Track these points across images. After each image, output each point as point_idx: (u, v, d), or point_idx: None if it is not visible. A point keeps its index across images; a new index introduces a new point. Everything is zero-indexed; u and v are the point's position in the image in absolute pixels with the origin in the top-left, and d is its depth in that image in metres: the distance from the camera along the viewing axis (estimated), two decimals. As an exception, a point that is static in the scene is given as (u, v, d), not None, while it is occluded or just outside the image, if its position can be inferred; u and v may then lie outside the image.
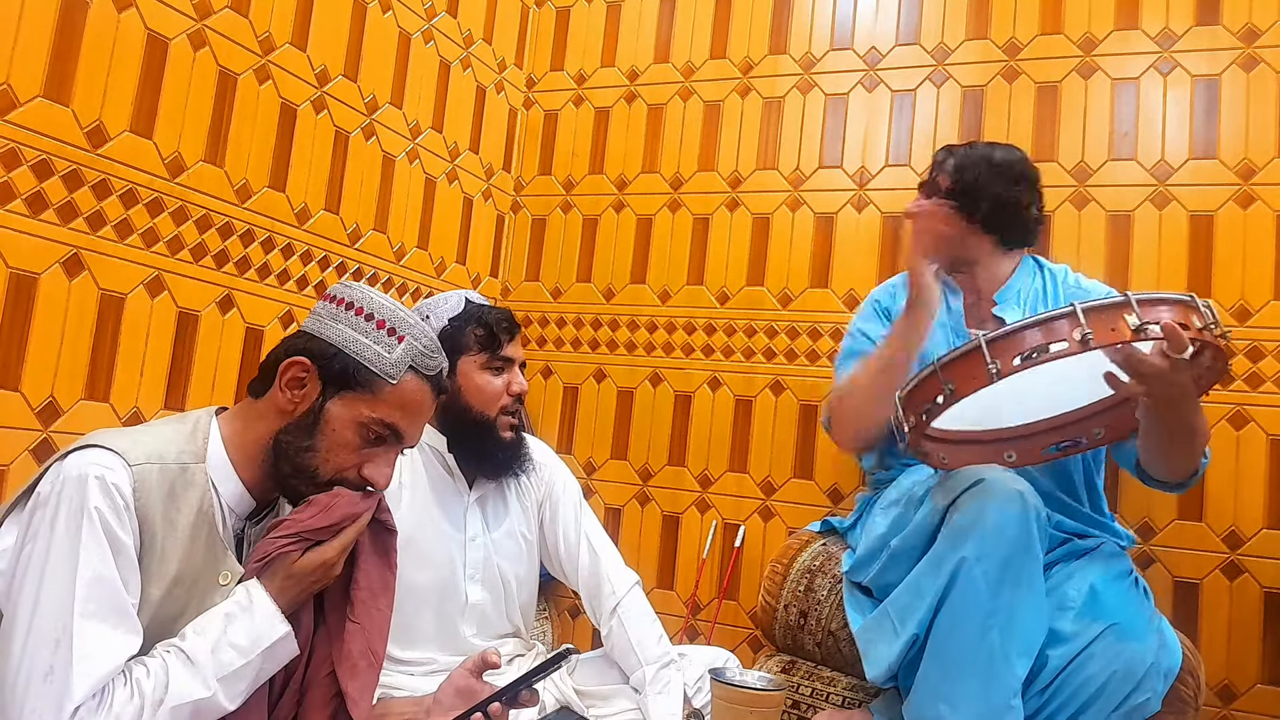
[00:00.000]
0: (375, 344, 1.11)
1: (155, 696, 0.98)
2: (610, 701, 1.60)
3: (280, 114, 1.93)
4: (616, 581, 1.69)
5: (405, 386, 1.12)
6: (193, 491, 1.07)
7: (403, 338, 1.12)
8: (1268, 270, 1.96)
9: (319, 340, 1.12)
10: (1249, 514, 1.92)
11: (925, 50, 2.31)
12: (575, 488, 1.79)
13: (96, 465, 1.00)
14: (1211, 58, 2.06)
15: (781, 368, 2.33)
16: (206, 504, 1.08)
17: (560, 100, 2.70)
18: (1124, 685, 1.41)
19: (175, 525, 1.05)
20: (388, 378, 1.11)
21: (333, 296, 1.15)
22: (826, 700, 1.77)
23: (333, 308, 1.14)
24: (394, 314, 1.13)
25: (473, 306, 1.63)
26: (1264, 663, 1.88)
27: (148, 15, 1.65)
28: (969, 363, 1.34)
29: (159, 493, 1.04)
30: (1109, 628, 1.44)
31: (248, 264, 1.87)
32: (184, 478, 1.07)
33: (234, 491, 1.12)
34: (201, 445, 1.10)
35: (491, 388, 1.60)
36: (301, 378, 1.11)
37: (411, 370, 1.12)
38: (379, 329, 1.12)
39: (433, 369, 1.15)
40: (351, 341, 1.11)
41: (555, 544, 1.73)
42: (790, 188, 2.39)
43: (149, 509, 1.03)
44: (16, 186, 1.47)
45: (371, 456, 1.13)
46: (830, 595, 1.82)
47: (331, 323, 1.13)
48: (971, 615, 1.42)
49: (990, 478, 1.48)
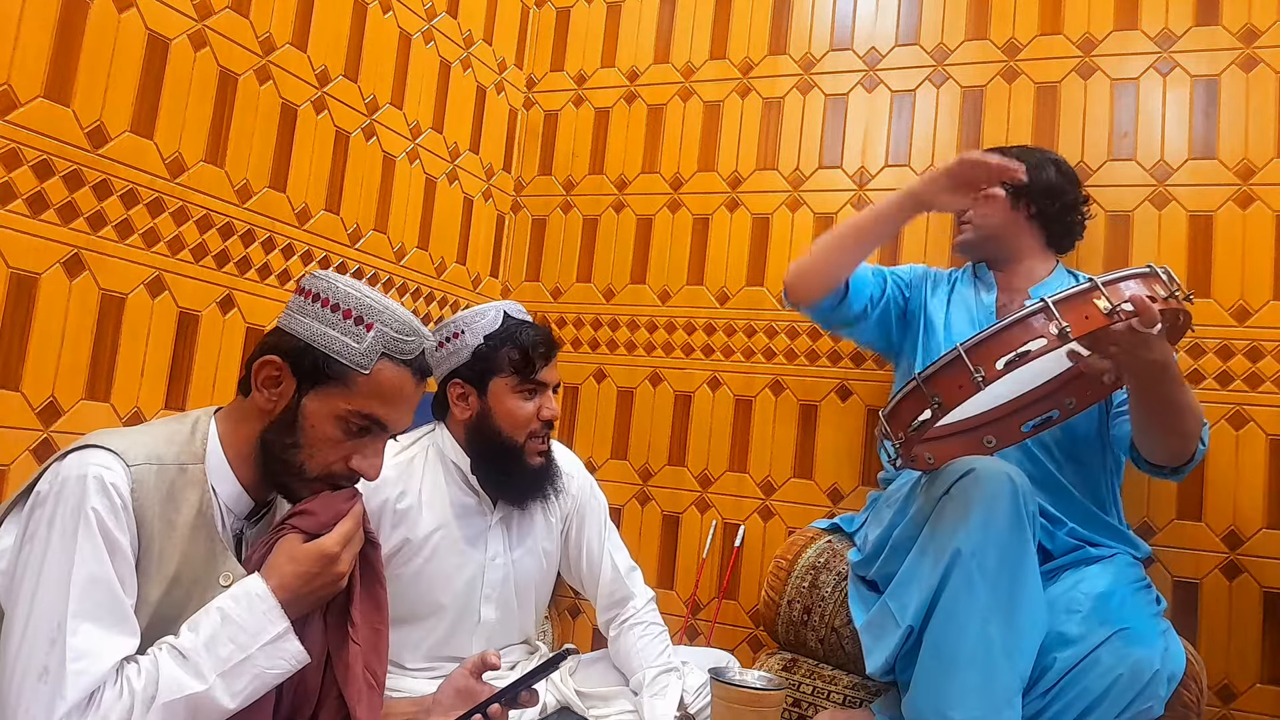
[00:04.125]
0: (343, 335, 1.09)
1: (146, 694, 0.96)
2: (610, 702, 1.60)
3: (281, 114, 1.93)
4: (638, 598, 1.70)
5: (380, 375, 1.10)
6: (191, 492, 1.07)
7: (371, 325, 1.10)
8: (1267, 270, 1.96)
9: (289, 336, 1.11)
10: (1248, 514, 1.92)
11: (925, 50, 2.32)
12: (603, 502, 1.78)
13: (95, 465, 1.00)
14: (1211, 58, 2.06)
15: (781, 368, 2.33)
16: (205, 504, 1.08)
17: (560, 100, 2.70)
18: (1129, 690, 1.41)
19: (174, 525, 1.05)
20: (359, 368, 1.09)
21: (302, 289, 1.13)
22: (828, 699, 1.77)
23: (302, 301, 1.12)
24: (360, 301, 1.11)
25: (511, 324, 1.58)
26: (1263, 662, 1.88)
27: (148, 16, 1.66)
28: (952, 372, 1.34)
29: (157, 493, 1.04)
30: (1117, 632, 1.43)
31: (248, 264, 1.87)
32: (183, 478, 1.07)
33: (232, 491, 1.12)
34: (200, 446, 1.10)
35: (522, 412, 1.56)
36: (275, 375, 1.10)
37: (385, 358, 1.10)
38: (346, 319, 1.10)
39: (408, 353, 1.12)
40: (320, 335, 1.09)
41: (579, 558, 1.73)
42: (790, 188, 2.39)
43: (147, 509, 1.02)
44: (17, 186, 1.47)
45: (358, 448, 1.12)
46: (834, 592, 1.82)
47: (300, 317, 1.11)
48: (969, 611, 1.42)
49: (980, 467, 1.49)
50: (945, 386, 1.34)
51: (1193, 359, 1.99)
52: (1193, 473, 1.93)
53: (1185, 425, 1.53)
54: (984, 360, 1.31)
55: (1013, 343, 1.29)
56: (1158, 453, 1.61)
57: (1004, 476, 1.47)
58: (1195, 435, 1.56)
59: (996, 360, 1.30)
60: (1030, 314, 1.30)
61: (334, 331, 1.09)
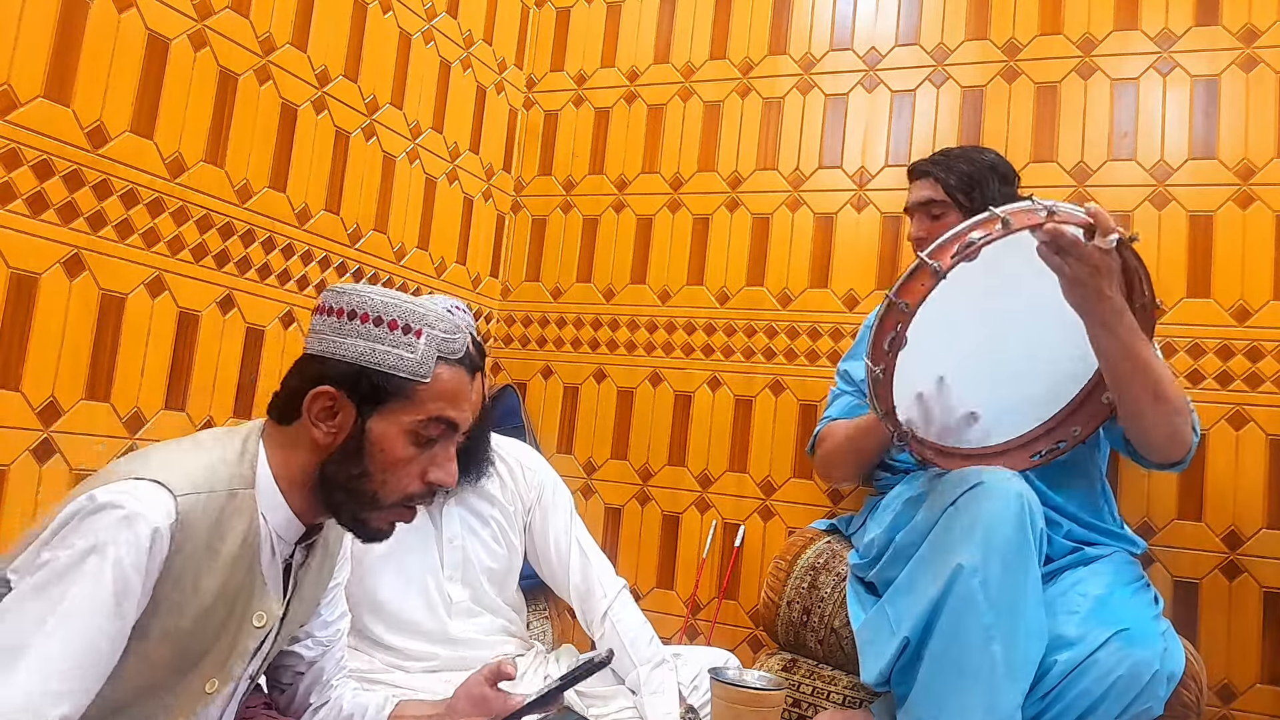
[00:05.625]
0: (394, 348, 1.02)
1: None
2: (609, 701, 1.61)
3: (281, 114, 1.93)
4: (607, 585, 1.71)
5: (440, 379, 1.04)
6: (239, 520, 1.00)
7: (420, 332, 1.03)
8: (1267, 270, 1.96)
9: (336, 362, 1.03)
10: (1248, 514, 1.92)
11: (925, 51, 2.32)
12: (567, 495, 1.80)
13: (132, 499, 0.92)
14: (1211, 58, 2.06)
15: (781, 368, 2.33)
16: (253, 534, 1.01)
17: (560, 100, 2.71)
18: (1128, 692, 1.40)
19: (217, 554, 0.98)
20: (420, 379, 1.03)
21: (330, 308, 1.05)
22: (827, 699, 1.77)
23: (335, 321, 1.04)
24: (401, 309, 1.04)
25: None
26: (1263, 662, 1.88)
27: (148, 16, 1.66)
28: (915, 277, 1.42)
29: (204, 521, 0.97)
30: (1117, 633, 1.43)
31: (248, 264, 1.87)
32: (232, 504, 1.00)
33: (282, 519, 1.05)
34: (250, 469, 1.03)
35: None
36: (329, 407, 1.03)
37: (440, 361, 1.04)
38: (393, 330, 1.03)
39: (459, 350, 1.07)
40: (369, 353, 1.02)
41: (546, 550, 1.74)
42: (790, 188, 2.39)
43: (190, 540, 0.95)
44: (17, 186, 1.47)
45: (431, 459, 1.06)
46: (834, 593, 1.82)
47: (341, 339, 1.03)
48: (972, 627, 1.40)
49: (988, 479, 1.48)
50: (910, 290, 1.42)
51: (1193, 359, 1.99)
52: (1192, 473, 1.94)
53: (1161, 388, 1.52)
54: (940, 255, 1.41)
55: (962, 238, 1.41)
56: (1148, 437, 1.59)
57: (1012, 492, 1.46)
58: (1178, 406, 1.55)
59: (949, 254, 1.40)
60: (982, 219, 1.42)
61: (384, 346, 1.02)
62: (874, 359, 1.47)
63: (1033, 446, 1.65)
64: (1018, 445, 1.65)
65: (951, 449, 1.62)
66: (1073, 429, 1.63)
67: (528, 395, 2.57)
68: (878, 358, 1.46)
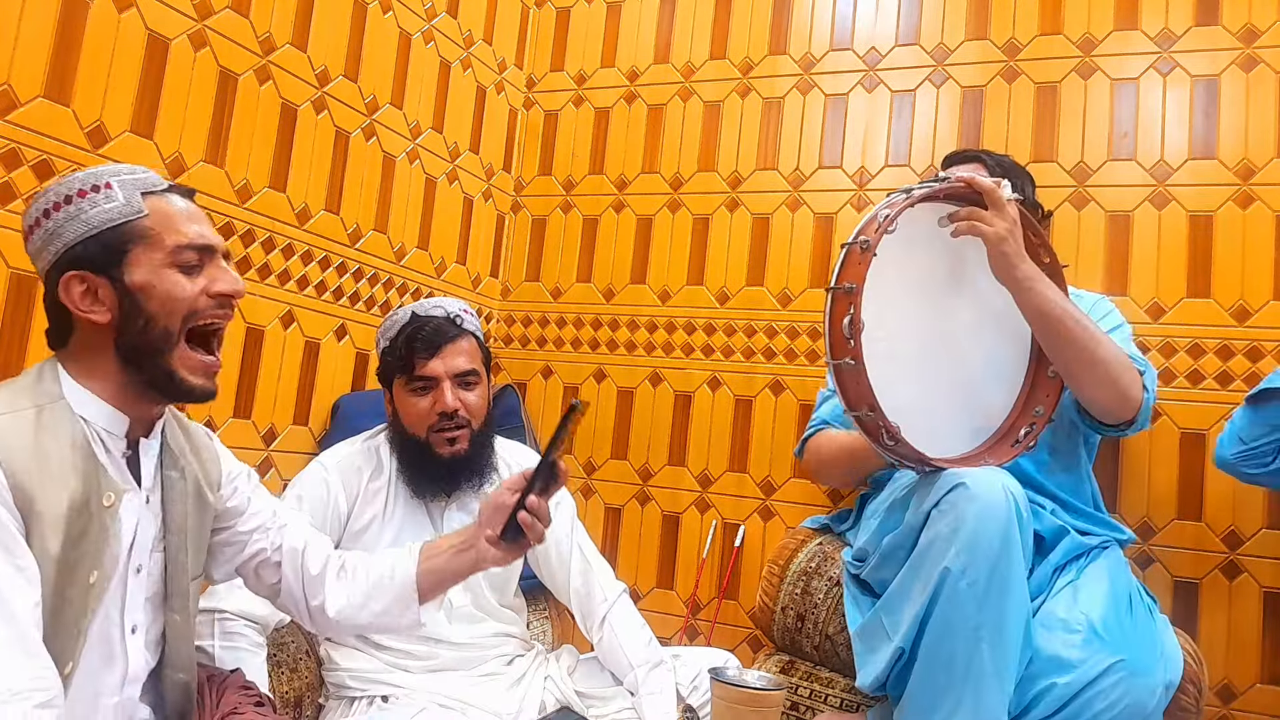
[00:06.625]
0: (95, 207, 1.05)
1: None
2: (608, 702, 1.61)
3: (281, 114, 1.93)
4: (608, 590, 1.71)
5: (158, 209, 1.08)
6: (60, 428, 1.03)
7: (108, 184, 1.06)
8: (1267, 270, 1.96)
9: (62, 254, 1.06)
10: (1248, 514, 1.92)
11: (925, 51, 2.31)
12: (569, 499, 1.80)
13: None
14: (1211, 58, 2.06)
15: (781, 368, 2.33)
16: (79, 435, 1.04)
17: (560, 100, 2.71)
18: (1132, 718, 1.41)
19: (49, 463, 1.00)
20: (136, 216, 1.06)
21: (32, 227, 1.08)
22: (825, 702, 1.77)
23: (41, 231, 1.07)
24: (79, 178, 1.07)
25: (408, 324, 1.64)
26: (1263, 662, 1.88)
27: (148, 16, 1.66)
28: (849, 259, 1.49)
29: (21, 441, 0.99)
30: (1118, 662, 1.42)
31: (248, 264, 1.87)
32: (43, 419, 1.02)
33: (105, 415, 1.07)
34: (53, 387, 1.06)
35: (416, 410, 1.62)
36: (85, 289, 1.05)
37: (147, 196, 1.08)
38: (85, 196, 1.05)
39: (160, 183, 1.10)
40: (83, 226, 1.05)
41: (547, 553, 1.73)
42: (790, 188, 2.39)
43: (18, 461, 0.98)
44: (17, 186, 1.47)
45: (210, 279, 1.10)
46: (827, 599, 1.82)
47: (55, 239, 1.06)
48: (959, 630, 1.41)
49: (970, 480, 1.46)
50: (850, 273, 1.47)
51: (1193, 359, 1.98)
52: (1192, 473, 1.94)
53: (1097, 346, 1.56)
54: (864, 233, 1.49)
55: (878, 216, 1.50)
56: (1098, 393, 1.61)
57: (997, 489, 1.45)
58: (1120, 362, 1.58)
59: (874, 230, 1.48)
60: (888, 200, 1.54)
61: (88, 213, 1.05)
62: (837, 353, 1.46)
63: (1008, 438, 1.66)
64: (995, 441, 1.66)
65: (938, 460, 1.59)
66: (1036, 409, 1.67)
67: (528, 395, 2.57)
68: (841, 350, 1.45)
